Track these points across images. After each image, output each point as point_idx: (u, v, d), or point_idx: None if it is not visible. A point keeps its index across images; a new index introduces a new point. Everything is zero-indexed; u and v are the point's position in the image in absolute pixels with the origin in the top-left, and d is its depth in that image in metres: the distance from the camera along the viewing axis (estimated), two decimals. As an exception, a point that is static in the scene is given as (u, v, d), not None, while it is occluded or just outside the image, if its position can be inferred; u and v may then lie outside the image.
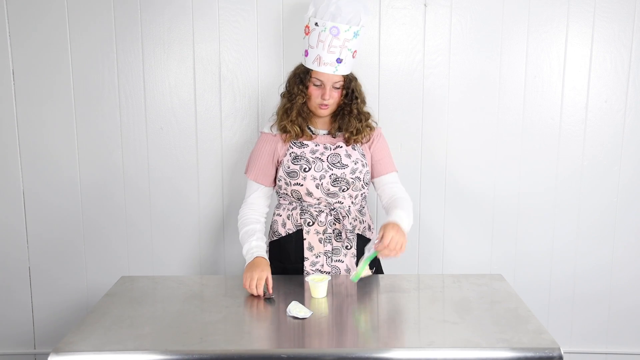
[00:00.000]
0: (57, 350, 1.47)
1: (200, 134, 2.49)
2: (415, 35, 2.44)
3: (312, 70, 1.96)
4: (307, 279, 1.82)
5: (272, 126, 2.05)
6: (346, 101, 2.02)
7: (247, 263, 1.90)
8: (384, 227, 1.81)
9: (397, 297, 1.83)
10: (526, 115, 2.49)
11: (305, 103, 2.00)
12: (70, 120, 2.46)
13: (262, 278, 1.81)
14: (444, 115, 2.49)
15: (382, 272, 2.12)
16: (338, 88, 1.99)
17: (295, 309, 1.68)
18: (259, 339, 1.54)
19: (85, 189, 2.52)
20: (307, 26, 1.96)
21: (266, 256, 1.93)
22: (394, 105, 2.48)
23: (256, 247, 1.94)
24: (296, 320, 1.64)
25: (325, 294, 1.82)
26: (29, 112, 2.46)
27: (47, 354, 1.96)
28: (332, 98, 1.98)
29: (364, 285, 1.91)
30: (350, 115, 2.01)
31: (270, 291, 1.82)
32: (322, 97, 1.96)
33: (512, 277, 2.58)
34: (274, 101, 2.46)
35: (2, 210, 2.53)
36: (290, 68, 2.41)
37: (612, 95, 2.47)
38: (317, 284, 1.80)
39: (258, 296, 1.81)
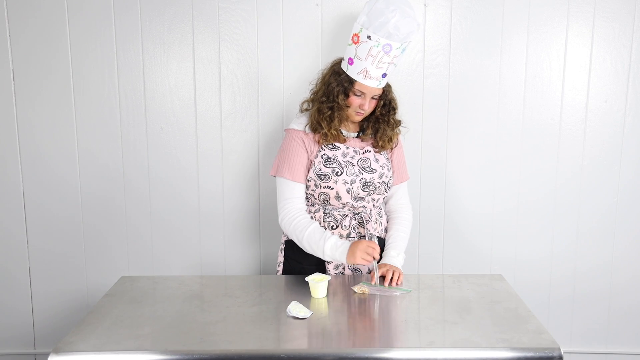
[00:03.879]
0: (57, 350, 1.47)
1: (200, 134, 2.49)
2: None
3: (355, 81, 1.95)
4: (307, 279, 1.82)
5: (306, 125, 2.02)
6: (383, 112, 2.04)
7: (346, 250, 1.90)
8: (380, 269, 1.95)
9: (397, 297, 1.83)
10: (526, 115, 2.49)
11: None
12: (70, 121, 2.46)
13: (373, 245, 1.88)
14: (444, 115, 2.49)
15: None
16: (376, 98, 2.01)
17: (295, 309, 1.68)
18: (259, 339, 1.54)
19: (85, 189, 2.52)
20: (356, 35, 1.91)
21: None
22: (394, 105, 2.47)
23: (338, 239, 1.94)
24: (296, 320, 1.64)
25: (325, 294, 1.82)
26: (29, 112, 2.46)
27: (47, 354, 1.96)
28: (370, 108, 2.01)
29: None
30: (386, 125, 2.05)
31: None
32: (361, 107, 1.98)
33: (512, 277, 2.58)
34: (274, 101, 2.47)
35: (1, 210, 2.53)
36: (291, 67, 2.43)
37: (612, 95, 2.47)
38: (317, 284, 1.80)
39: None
